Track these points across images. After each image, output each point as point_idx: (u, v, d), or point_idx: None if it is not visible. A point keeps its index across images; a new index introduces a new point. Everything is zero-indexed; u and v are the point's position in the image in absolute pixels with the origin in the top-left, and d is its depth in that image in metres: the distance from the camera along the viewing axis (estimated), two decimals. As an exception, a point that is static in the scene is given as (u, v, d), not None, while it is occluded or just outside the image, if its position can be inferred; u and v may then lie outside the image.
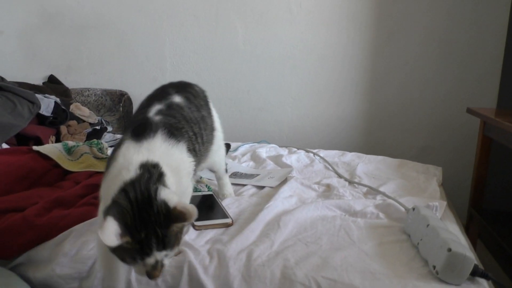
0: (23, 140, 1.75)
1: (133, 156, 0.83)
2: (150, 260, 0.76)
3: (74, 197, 1.12)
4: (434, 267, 0.87)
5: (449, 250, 0.84)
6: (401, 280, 0.86)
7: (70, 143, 1.45)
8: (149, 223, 0.75)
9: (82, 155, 1.40)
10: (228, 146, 1.77)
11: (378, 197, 1.33)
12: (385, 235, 1.07)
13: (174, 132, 0.93)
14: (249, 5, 2.38)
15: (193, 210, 0.77)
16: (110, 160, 0.88)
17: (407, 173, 1.62)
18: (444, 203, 1.29)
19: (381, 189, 1.39)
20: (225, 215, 1.15)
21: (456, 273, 0.84)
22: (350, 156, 1.83)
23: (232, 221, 1.13)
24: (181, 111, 1.02)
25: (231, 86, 2.49)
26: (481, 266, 0.90)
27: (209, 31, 2.43)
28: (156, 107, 0.99)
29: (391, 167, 1.70)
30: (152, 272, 0.76)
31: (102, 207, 0.82)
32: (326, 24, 2.33)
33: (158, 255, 0.76)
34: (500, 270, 1.59)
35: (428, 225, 0.97)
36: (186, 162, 0.94)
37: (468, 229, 1.85)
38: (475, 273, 0.86)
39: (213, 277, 0.90)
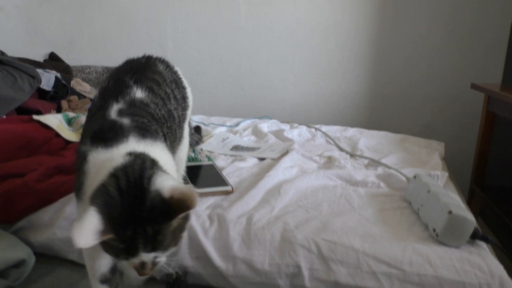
0: (24, 114, 1.74)
1: (106, 163, 0.68)
2: (136, 261, 0.65)
3: (75, 165, 1.12)
4: (434, 230, 0.87)
5: (450, 212, 0.84)
6: (400, 242, 0.86)
7: (71, 114, 1.45)
8: (138, 219, 0.62)
9: (82, 125, 1.39)
10: (198, 129, 1.56)
11: (380, 169, 1.33)
12: (386, 203, 1.07)
13: (146, 133, 0.76)
14: (252, -19, 2.34)
15: (192, 194, 0.63)
16: (79, 174, 0.73)
17: (409, 147, 1.61)
18: (446, 174, 1.28)
19: (383, 161, 1.38)
20: (225, 183, 1.15)
21: (456, 235, 0.84)
22: (352, 131, 1.82)
23: (232, 188, 1.12)
24: (147, 109, 0.83)
25: (233, 63, 2.47)
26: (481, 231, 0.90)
27: (211, 8, 2.40)
28: (115, 107, 0.79)
29: (393, 141, 1.69)
30: (140, 270, 0.66)
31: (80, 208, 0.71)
32: (330, 0, 2.30)
33: (145, 256, 0.64)
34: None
35: (429, 191, 0.96)
36: (169, 161, 0.78)
37: (470, 206, 1.84)
38: (475, 236, 0.86)
39: (213, 240, 0.91)
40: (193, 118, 1.97)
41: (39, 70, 1.97)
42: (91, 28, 2.54)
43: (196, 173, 1.21)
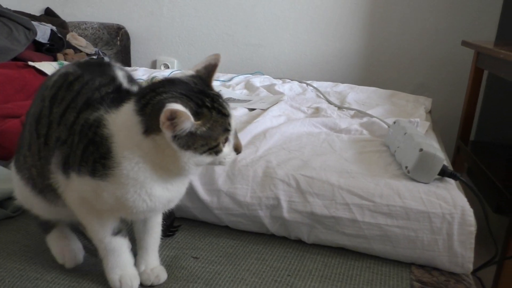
0: (20, 63, 1.78)
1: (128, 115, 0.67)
2: (233, 124, 0.67)
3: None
4: (406, 167, 0.93)
5: (421, 150, 0.89)
6: (374, 178, 0.92)
7: (65, 62, 1.48)
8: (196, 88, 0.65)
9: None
10: None
11: (365, 119, 1.37)
12: (366, 147, 1.12)
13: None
14: None
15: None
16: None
17: (397, 102, 1.65)
18: (427, 123, 1.33)
19: (368, 112, 1.43)
20: (214, 128, 1.20)
21: (426, 171, 0.89)
22: (342, 87, 1.85)
23: (221, 133, 1.17)
24: None
25: (228, 21, 2.48)
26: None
27: (208, -38, 2.39)
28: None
29: (382, 96, 1.73)
30: (237, 141, 0.69)
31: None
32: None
33: (232, 112, 0.67)
34: (484, 204, 1.65)
35: (405, 133, 1.01)
36: None
37: (455, 162, 1.90)
38: (444, 173, 0.91)
39: (199, 175, 0.96)
40: (186, 73, 2.00)
41: (35, 23, 1.99)
42: (87, -17, 2.54)
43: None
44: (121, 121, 0.65)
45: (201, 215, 0.97)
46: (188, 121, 0.60)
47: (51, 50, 1.95)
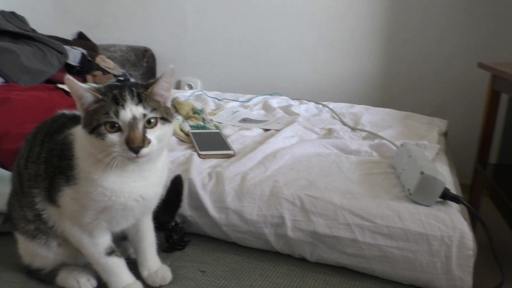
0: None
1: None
2: (126, 115, 0.70)
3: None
4: (409, 189, 0.95)
5: (422, 173, 0.92)
6: (376, 199, 0.95)
7: (94, 85, 1.58)
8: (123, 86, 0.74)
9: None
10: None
11: (376, 140, 1.40)
12: (373, 168, 1.15)
13: None
14: (268, -39, 2.40)
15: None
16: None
17: (411, 123, 1.67)
18: (437, 146, 1.34)
19: (380, 134, 1.46)
20: (228, 148, 1.26)
21: (427, 194, 0.92)
22: (358, 108, 1.89)
23: (234, 152, 1.23)
24: None
25: (249, 42, 2.56)
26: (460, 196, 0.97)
27: (229, -12, 2.49)
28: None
29: (396, 118, 1.75)
30: (131, 134, 0.69)
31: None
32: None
33: (135, 109, 0.70)
34: (506, 227, 1.62)
35: (410, 156, 1.04)
36: None
37: (473, 185, 1.88)
38: (446, 196, 0.93)
39: (210, 193, 1.02)
40: (208, 94, 2.09)
41: (67, 47, 2.13)
42: (116, 9, 2.68)
43: (203, 139, 1.32)
44: (79, 129, 0.76)
45: (210, 231, 1.02)
46: (85, 92, 0.71)
47: (81, 72, 2.08)
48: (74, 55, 2.11)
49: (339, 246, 0.91)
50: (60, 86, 1.49)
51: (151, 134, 0.72)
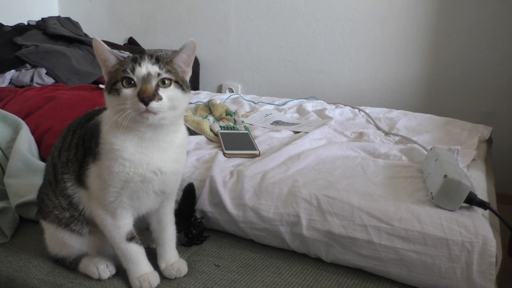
0: (99, 87, 2.02)
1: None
2: (141, 71, 0.74)
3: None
4: (431, 193, 0.91)
5: (445, 176, 0.88)
6: (396, 202, 0.92)
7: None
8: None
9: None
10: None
11: (408, 145, 1.35)
12: (400, 172, 1.11)
13: None
14: (313, -34, 2.41)
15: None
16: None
17: (451, 129, 1.60)
18: (474, 152, 1.27)
19: (415, 139, 1.40)
20: (254, 148, 1.27)
21: (450, 198, 0.88)
22: (396, 113, 1.83)
23: (259, 153, 1.24)
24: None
25: (290, 47, 2.57)
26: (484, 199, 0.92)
27: (272, -6, 2.52)
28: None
29: (435, 123, 1.68)
30: (142, 86, 0.74)
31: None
32: (388, -15, 2.29)
33: (150, 67, 0.75)
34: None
35: (436, 160, 1.00)
36: None
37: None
38: (472, 201, 0.88)
39: (229, 190, 1.03)
40: (244, 97, 2.12)
41: (115, 51, 2.24)
42: (164, 16, 2.80)
43: (231, 139, 1.34)
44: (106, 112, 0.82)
45: (228, 227, 1.04)
46: (110, 54, 0.79)
47: (126, 75, 2.19)
48: (121, 59, 2.22)
49: (354, 247, 0.89)
50: (102, 86, 1.58)
51: (163, 93, 0.76)
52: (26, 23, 2.33)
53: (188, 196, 1.02)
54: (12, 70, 1.85)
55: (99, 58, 0.79)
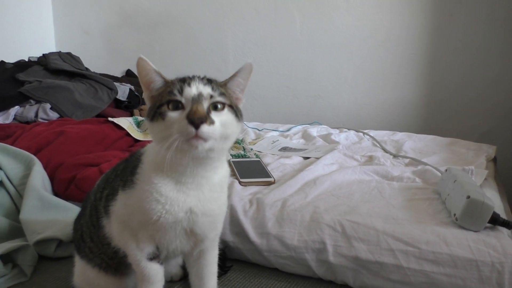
0: (102, 119, 2.02)
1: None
2: (191, 91, 0.66)
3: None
4: (455, 214, 0.92)
5: (468, 197, 0.89)
6: (420, 225, 0.92)
7: (140, 118, 1.67)
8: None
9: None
10: None
11: (420, 167, 1.37)
12: (417, 194, 1.12)
13: None
14: (307, -5, 2.47)
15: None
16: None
17: (456, 150, 1.63)
18: (485, 172, 1.29)
19: (424, 160, 1.42)
20: (268, 175, 1.28)
21: (474, 219, 0.89)
22: (400, 135, 1.86)
23: (274, 180, 1.25)
24: None
25: (289, 74, 2.61)
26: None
27: (268, 22, 2.57)
28: None
29: (440, 144, 1.71)
30: (193, 107, 0.65)
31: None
32: (382, 9, 2.35)
33: (202, 87, 0.67)
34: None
35: (455, 181, 1.01)
36: None
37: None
38: (496, 221, 0.89)
39: (251, 219, 1.03)
40: (248, 125, 2.13)
41: (116, 83, 2.26)
42: (162, 46, 2.83)
43: (244, 167, 1.35)
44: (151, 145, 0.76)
45: (252, 257, 1.03)
46: (156, 76, 0.71)
47: (128, 106, 2.20)
48: (123, 90, 2.24)
49: (382, 272, 0.89)
50: (110, 119, 1.59)
51: (215, 117, 0.66)
52: (27, 59, 2.34)
53: None
54: (16, 106, 1.85)
55: (143, 80, 0.71)
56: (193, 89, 0.67)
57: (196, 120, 0.64)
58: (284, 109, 2.66)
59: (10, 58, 2.26)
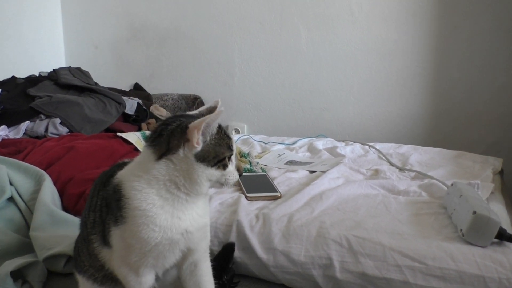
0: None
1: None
2: (234, 144, 0.80)
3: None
4: (461, 230, 0.92)
5: (474, 212, 0.89)
6: (426, 240, 0.93)
7: (148, 132, 1.69)
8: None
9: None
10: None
11: (426, 180, 1.37)
12: (423, 209, 1.13)
13: None
14: (312, 9, 2.50)
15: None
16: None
17: (463, 162, 1.62)
18: (492, 185, 1.29)
19: (430, 174, 1.43)
20: (274, 190, 1.29)
21: (481, 234, 0.89)
22: (406, 148, 1.86)
23: (281, 194, 1.26)
24: None
25: (294, 87, 2.63)
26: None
27: (274, 36, 2.60)
28: None
29: (446, 157, 1.71)
30: (240, 165, 0.81)
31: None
32: (386, 22, 2.37)
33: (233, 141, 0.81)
34: None
35: (461, 196, 1.01)
36: None
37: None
38: (503, 236, 0.90)
39: (257, 234, 1.04)
40: (254, 138, 2.15)
41: (124, 98, 2.29)
42: (169, 60, 2.87)
43: (250, 181, 1.36)
44: (128, 168, 0.80)
45: (259, 272, 1.03)
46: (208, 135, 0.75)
47: (136, 120, 2.22)
48: (131, 104, 2.27)
49: (389, 289, 0.89)
50: (119, 134, 1.61)
51: None
52: (37, 75, 2.38)
53: (225, 254, 1.02)
54: (27, 121, 1.88)
55: (204, 130, 0.75)
56: (234, 144, 0.79)
57: (241, 174, 0.81)
58: (290, 122, 2.67)
59: (21, 73, 2.31)
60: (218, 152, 0.76)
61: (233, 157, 0.79)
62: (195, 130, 0.72)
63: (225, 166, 0.77)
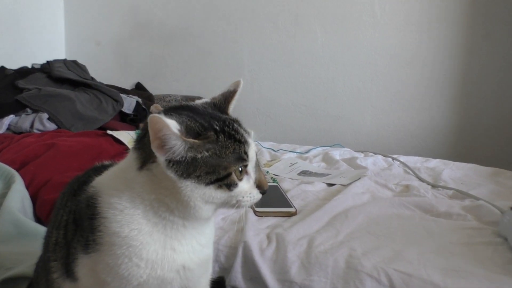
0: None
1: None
2: (253, 154, 0.56)
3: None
4: (538, 269, 0.71)
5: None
6: (493, 282, 0.71)
7: (143, 132, 1.49)
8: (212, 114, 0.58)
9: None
10: None
11: (467, 201, 1.16)
12: (475, 237, 0.91)
13: None
14: (330, 9, 2.32)
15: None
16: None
17: (502, 181, 1.41)
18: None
19: (471, 193, 1.21)
20: (289, 204, 1.08)
21: None
22: (435, 162, 1.65)
23: (296, 210, 1.05)
24: None
25: (307, 92, 2.43)
26: None
27: (288, 37, 2.41)
28: None
29: (482, 174, 1.50)
30: (261, 176, 0.58)
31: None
32: (413, 27, 2.19)
33: (252, 143, 0.57)
34: None
35: (529, 223, 0.80)
36: None
37: None
38: None
39: (269, 261, 0.83)
40: (263, 144, 1.94)
41: (123, 95, 2.10)
42: (174, 60, 2.69)
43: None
44: (107, 175, 0.59)
45: (269, 310, 0.82)
46: (176, 138, 0.50)
47: (134, 120, 2.02)
48: (129, 103, 2.07)
49: None
50: (110, 132, 1.41)
51: None
52: (30, 66, 2.19)
53: None
54: (11, 115, 1.68)
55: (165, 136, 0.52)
56: (253, 149, 0.56)
57: (267, 190, 0.58)
58: (301, 129, 2.47)
59: (17, 65, 2.13)
60: (216, 166, 0.53)
61: (250, 168, 0.56)
62: (153, 133, 0.50)
63: (230, 186, 0.54)
